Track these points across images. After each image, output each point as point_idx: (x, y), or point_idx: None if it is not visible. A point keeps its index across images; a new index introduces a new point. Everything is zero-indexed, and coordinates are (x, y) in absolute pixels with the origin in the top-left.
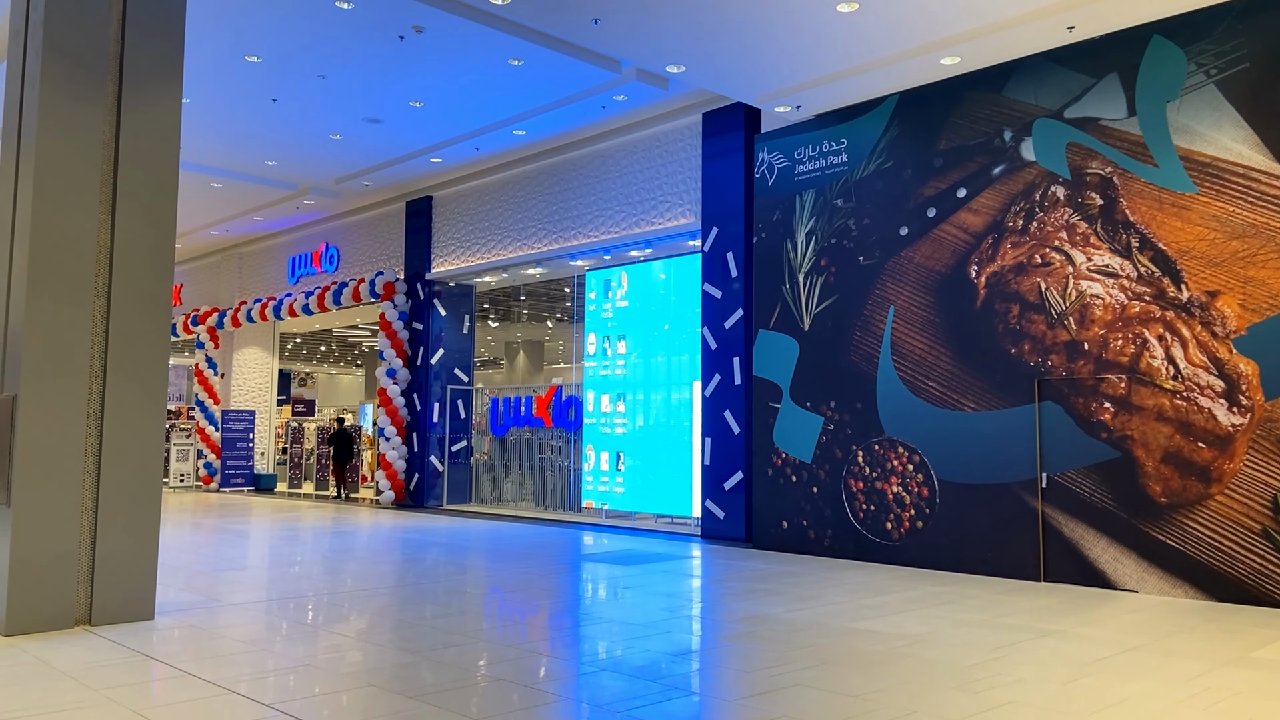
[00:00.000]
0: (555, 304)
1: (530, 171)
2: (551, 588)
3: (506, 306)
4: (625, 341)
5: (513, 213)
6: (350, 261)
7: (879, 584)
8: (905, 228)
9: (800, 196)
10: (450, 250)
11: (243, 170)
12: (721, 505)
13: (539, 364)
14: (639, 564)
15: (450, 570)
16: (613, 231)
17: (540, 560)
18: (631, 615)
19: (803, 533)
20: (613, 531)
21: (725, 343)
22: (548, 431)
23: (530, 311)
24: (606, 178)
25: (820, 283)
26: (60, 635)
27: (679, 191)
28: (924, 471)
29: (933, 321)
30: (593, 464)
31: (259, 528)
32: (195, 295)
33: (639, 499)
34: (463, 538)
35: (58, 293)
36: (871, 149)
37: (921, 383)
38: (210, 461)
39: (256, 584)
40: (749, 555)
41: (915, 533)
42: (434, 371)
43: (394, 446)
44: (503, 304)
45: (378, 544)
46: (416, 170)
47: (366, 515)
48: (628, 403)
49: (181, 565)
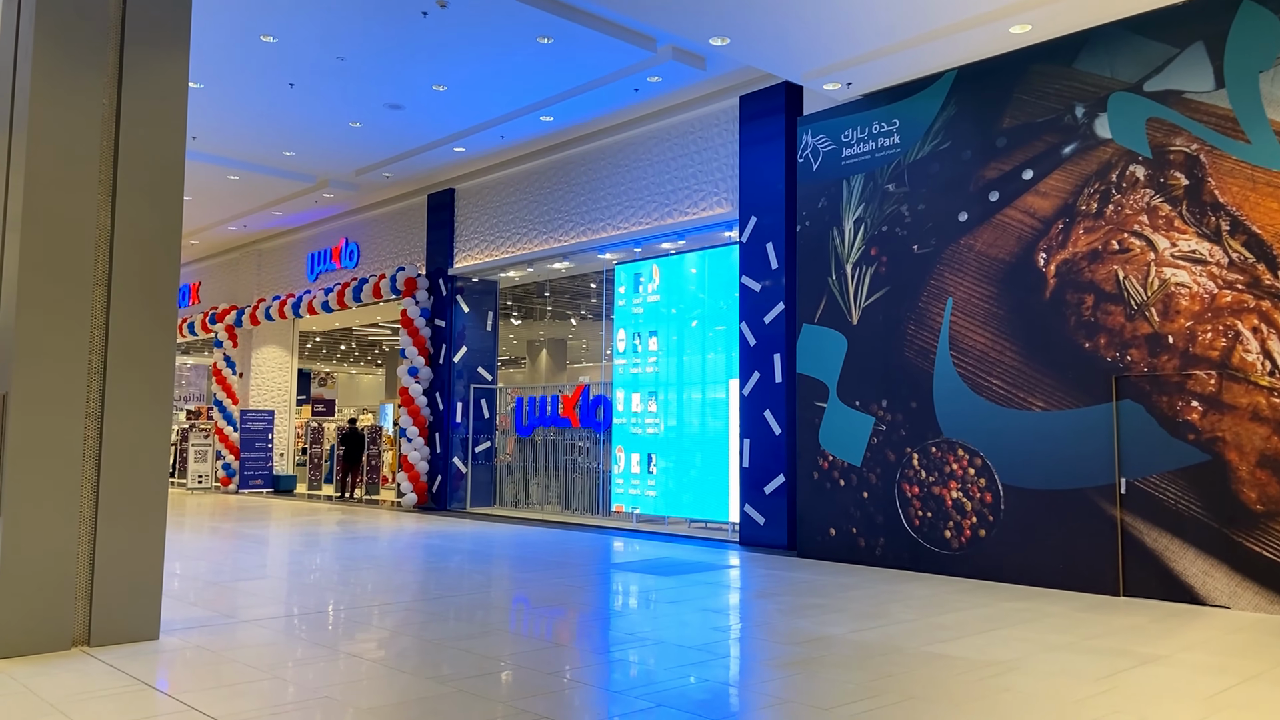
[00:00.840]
0: (580, 301)
1: (557, 162)
2: (586, 602)
3: (529, 304)
4: (656, 338)
5: (538, 205)
6: (370, 257)
7: (945, 599)
8: (965, 213)
9: (848, 182)
10: (473, 245)
11: (260, 161)
12: (762, 510)
13: (561, 363)
14: (678, 574)
15: (476, 581)
16: (644, 223)
17: (571, 569)
18: (680, 635)
19: (852, 541)
20: (644, 537)
21: (765, 338)
22: (574, 432)
23: (554, 309)
24: (637, 166)
25: (870, 273)
26: (55, 659)
27: (714, 180)
28: (987, 476)
29: (996, 314)
30: (623, 466)
31: (277, 533)
32: (214, 293)
33: (672, 503)
34: (488, 544)
35: (53, 280)
36: (926, 129)
37: (984, 380)
38: (229, 462)
39: (272, 596)
40: (794, 565)
41: (977, 542)
42: (457, 370)
43: (416, 447)
44: (525, 301)
45: (399, 550)
46: (439, 160)
47: (388, 518)
48: (659, 402)
49: (194, 574)
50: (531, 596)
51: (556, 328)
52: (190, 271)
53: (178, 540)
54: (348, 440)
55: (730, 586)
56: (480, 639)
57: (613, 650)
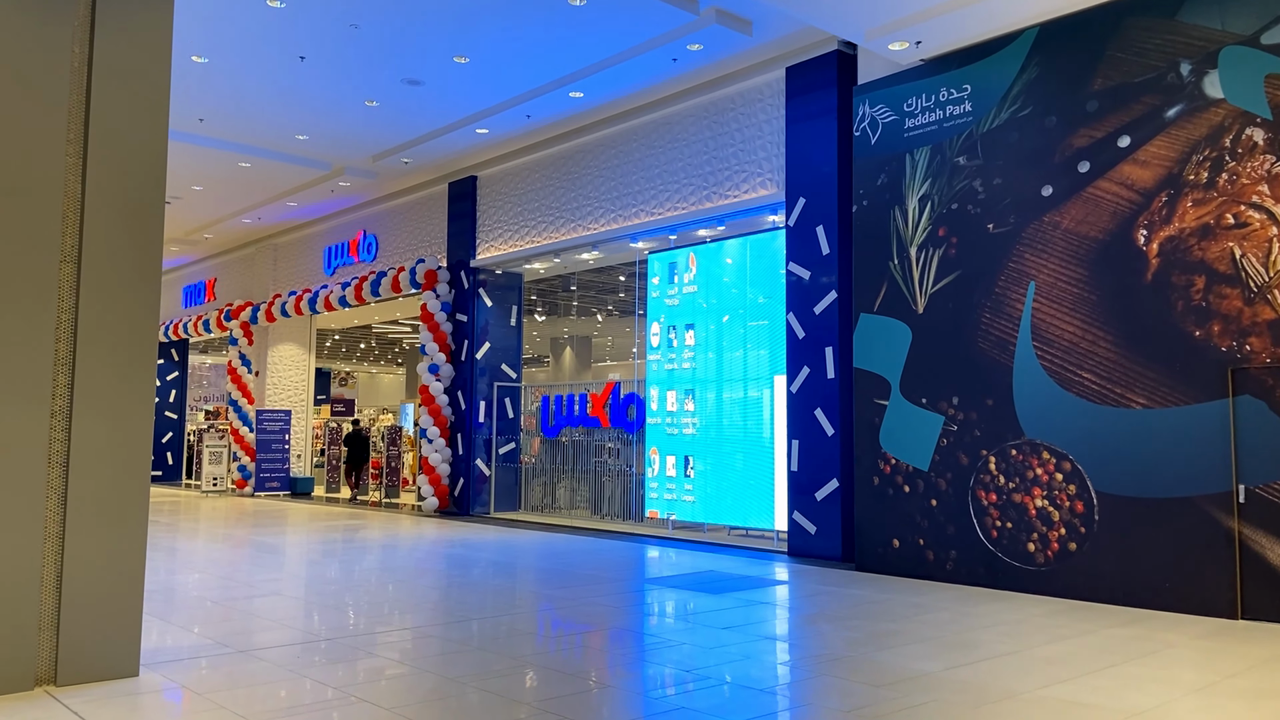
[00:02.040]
0: (606, 296)
1: (586, 145)
2: (629, 627)
3: (553, 300)
4: (693, 331)
5: (565, 191)
6: (389, 250)
7: (1039, 624)
8: (1049, 187)
9: (911, 156)
10: (496, 235)
11: (271, 147)
12: (812, 518)
13: (586, 361)
14: (726, 591)
15: (504, 599)
16: (679, 208)
17: (606, 585)
18: (745, 673)
19: (918, 553)
20: (682, 546)
21: (815, 330)
22: (604, 433)
23: (579, 305)
24: (673, 147)
25: (938, 256)
26: (13, 701)
27: (757, 160)
28: (1077, 482)
29: (1087, 299)
30: (657, 469)
31: (290, 540)
32: (229, 289)
33: (711, 509)
34: (514, 554)
35: (11, 254)
36: (1003, 94)
37: (1073, 374)
38: (244, 464)
39: (277, 619)
40: (855, 580)
41: (1066, 556)
42: (479, 367)
43: (437, 449)
44: (549, 297)
45: (420, 562)
46: (460, 144)
47: (408, 524)
48: (697, 400)
49: (195, 590)
50: (565, 620)
51: (581, 324)
52: (205, 268)
53: (185, 550)
54: (350, 442)
55: (789, 607)
56: (509, 677)
57: (668, 694)
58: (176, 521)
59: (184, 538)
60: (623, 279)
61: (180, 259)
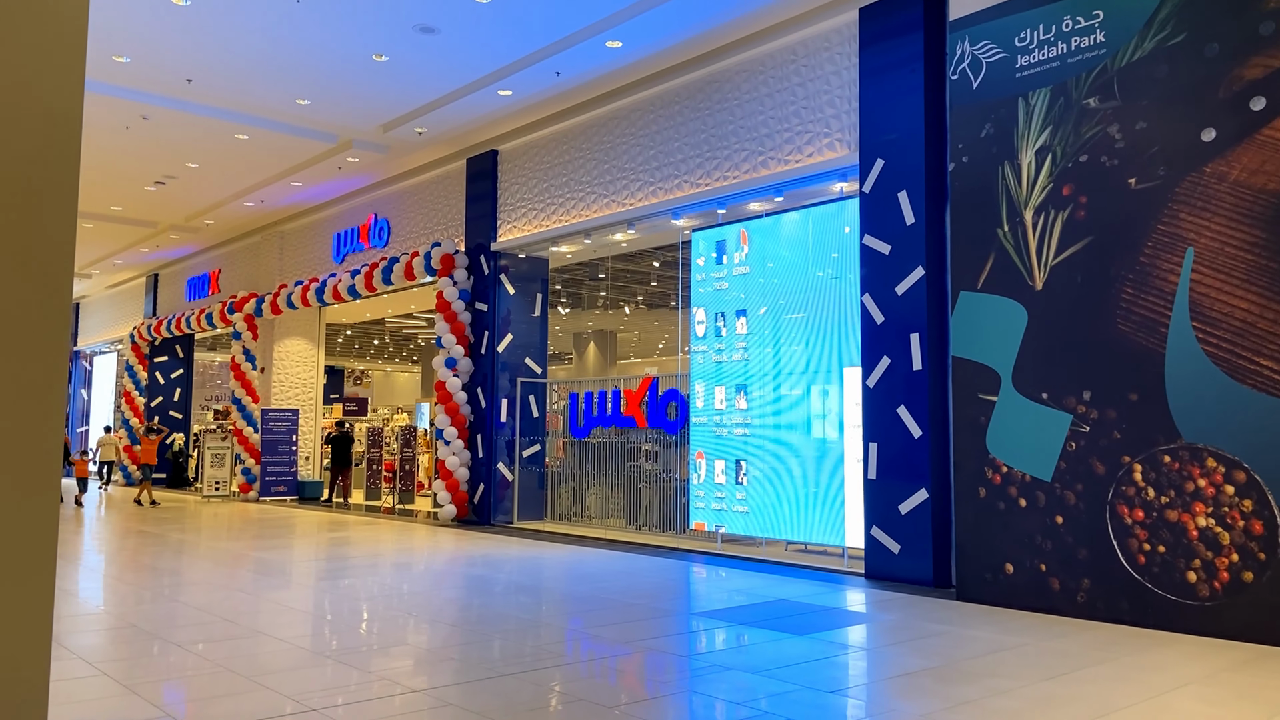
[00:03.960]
0: (636, 286)
1: (621, 110)
2: (705, 689)
3: (577, 290)
4: (745, 319)
5: (597, 163)
6: (402, 234)
7: (1241, 682)
8: (1211, 130)
9: (1025, 100)
10: (520, 214)
11: (270, 114)
12: (896, 535)
13: (611, 357)
14: (805, 630)
15: (535, 642)
16: (729, 177)
17: (652, 617)
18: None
19: (1039, 581)
20: (735, 565)
21: (897, 314)
22: (640, 433)
23: (607, 296)
24: (723, 107)
25: (1062, 220)
26: None
27: (824, 118)
28: (1254, 496)
29: (1265, 268)
30: (703, 475)
31: (291, 558)
32: (234, 281)
33: (767, 522)
34: (543, 575)
35: None
36: (1147, 19)
37: (1248, 361)
38: (249, 467)
39: (255, 676)
40: (961, 614)
41: (1239, 589)
42: (501, 361)
43: (455, 451)
44: (573, 288)
45: (435, 587)
46: (480, 110)
47: (423, 535)
48: (751, 397)
49: (162, 629)
50: (609, 673)
51: (606, 318)
52: (209, 259)
53: (167, 570)
54: (335, 443)
55: (893, 654)
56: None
57: None
58: (166, 533)
59: (169, 554)
60: (656, 265)
61: (182, 249)
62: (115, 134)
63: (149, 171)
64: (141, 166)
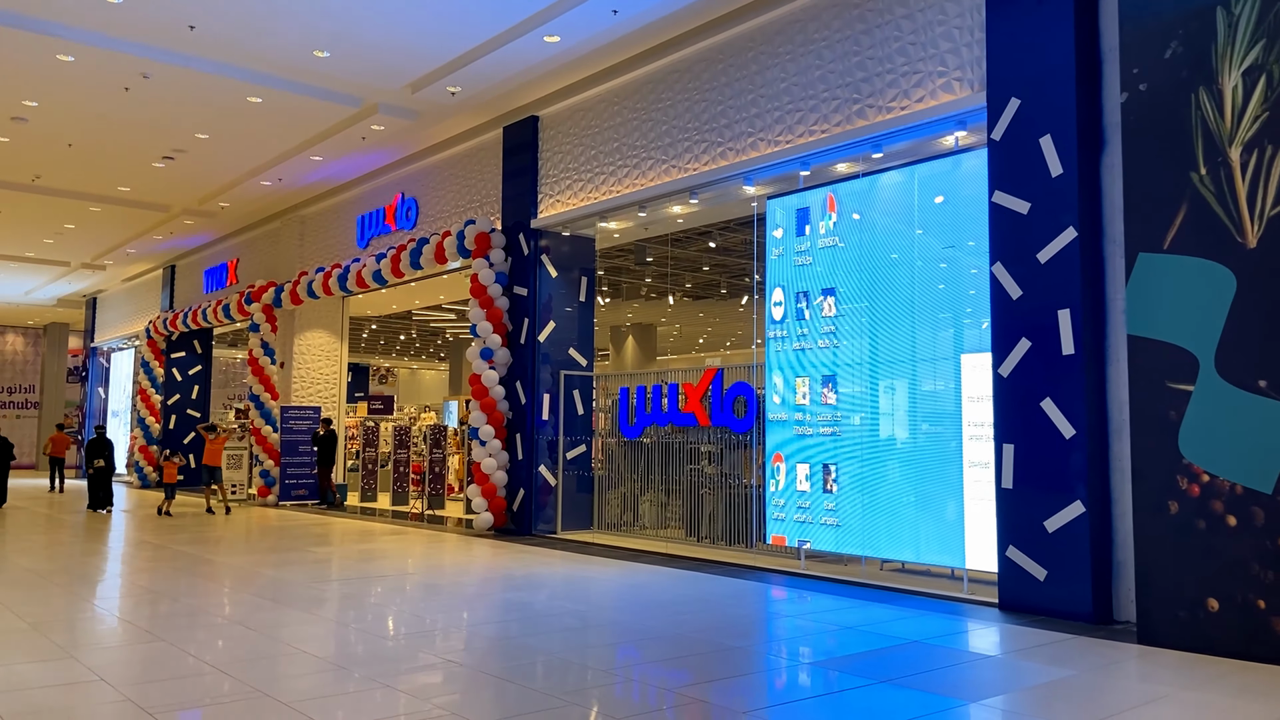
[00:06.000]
0: (686, 274)
1: (685, 61)
2: None
3: (616, 280)
4: (833, 299)
5: (654, 124)
6: (431, 214)
7: None
8: None
9: (1226, 9)
10: (563, 187)
11: (285, 71)
12: (1041, 557)
13: (650, 352)
14: (977, 693)
15: (605, 709)
16: (815, 132)
17: (757, 671)
18: None
19: (1257, 622)
20: (826, 589)
21: (1040, 286)
22: (701, 432)
23: (651, 283)
24: (809, 50)
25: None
26: None
27: (937, 54)
28: None
29: None
30: (783, 481)
31: (310, 576)
32: (252, 270)
33: (864, 537)
34: (595, 603)
35: None
36: None
37: None
38: (267, 469)
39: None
40: (1158, 664)
41: None
42: (542, 352)
43: (491, 452)
44: (613, 275)
45: (467, 621)
46: (522, 62)
47: (457, 548)
48: (841, 390)
49: (145, 676)
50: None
51: (647, 310)
52: (226, 248)
53: (168, 594)
54: (320, 442)
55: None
56: None
57: None
58: (172, 544)
59: (164, 574)
60: (713, 245)
61: (198, 237)
62: (115, 96)
63: (155, 144)
64: (146, 137)
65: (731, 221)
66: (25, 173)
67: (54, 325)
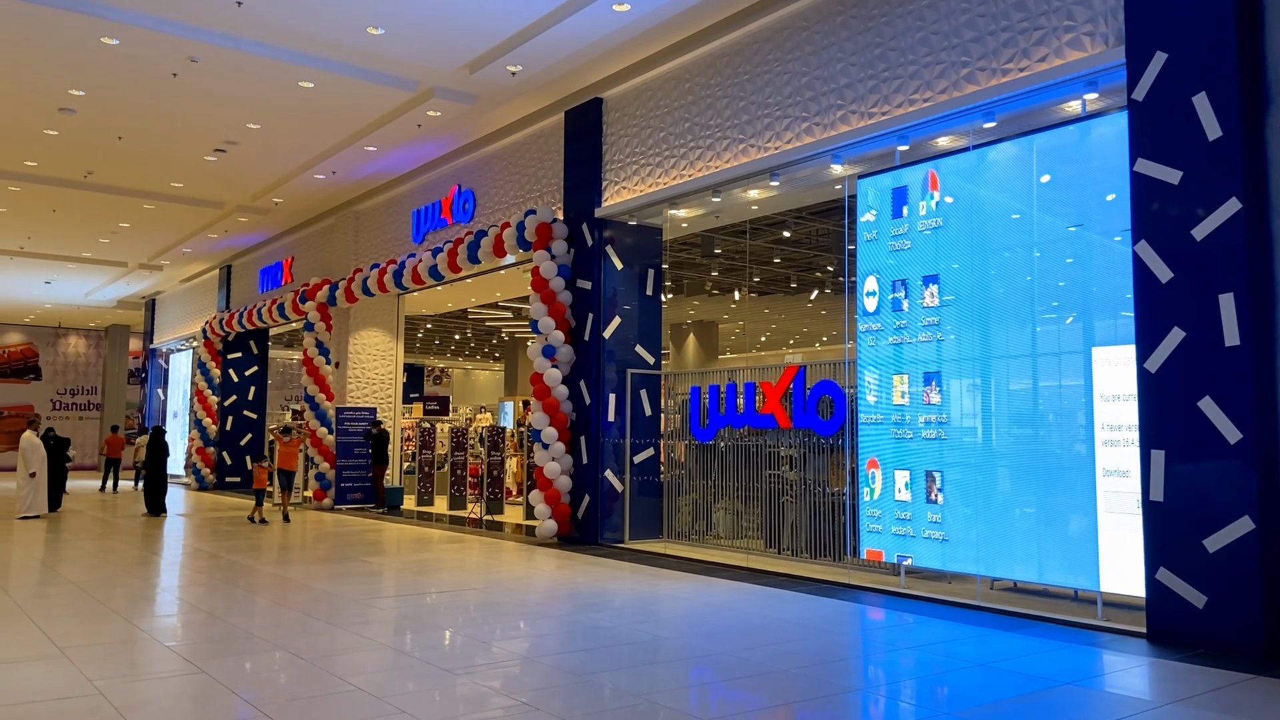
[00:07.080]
0: (755, 266)
1: (764, 30)
2: None
3: (679, 275)
4: (937, 287)
5: (730, 100)
6: (489, 206)
7: None
8: None
9: None
10: (629, 172)
11: (336, 51)
12: (1199, 581)
13: (711, 351)
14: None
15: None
16: (916, 100)
17: (875, 716)
18: None
19: None
20: (933, 612)
21: (1195, 267)
22: (780, 435)
23: (719, 277)
24: (908, 9)
25: None
26: None
27: (1063, 7)
28: None
29: None
30: (879, 489)
31: (363, 592)
32: (307, 268)
33: (976, 553)
34: (670, 626)
35: None
36: None
37: None
38: (323, 472)
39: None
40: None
41: None
42: (607, 349)
43: (555, 456)
44: (675, 270)
45: (526, 647)
46: (588, 36)
47: (515, 559)
48: (947, 389)
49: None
50: None
51: (709, 307)
52: (281, 246)
53: (205, 610)
54: (372, 440)
55: None
56: None
57: None
58: (216, 551)
59: (212, 585)
60: (787, 234)
61: (253, 236)
62: (163, 85)
63: (206, 136)
64: (197, 128)
65: (805, 210)
66: (77, 168)
67: (115, 327)
